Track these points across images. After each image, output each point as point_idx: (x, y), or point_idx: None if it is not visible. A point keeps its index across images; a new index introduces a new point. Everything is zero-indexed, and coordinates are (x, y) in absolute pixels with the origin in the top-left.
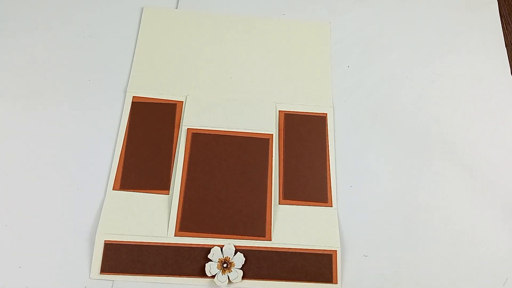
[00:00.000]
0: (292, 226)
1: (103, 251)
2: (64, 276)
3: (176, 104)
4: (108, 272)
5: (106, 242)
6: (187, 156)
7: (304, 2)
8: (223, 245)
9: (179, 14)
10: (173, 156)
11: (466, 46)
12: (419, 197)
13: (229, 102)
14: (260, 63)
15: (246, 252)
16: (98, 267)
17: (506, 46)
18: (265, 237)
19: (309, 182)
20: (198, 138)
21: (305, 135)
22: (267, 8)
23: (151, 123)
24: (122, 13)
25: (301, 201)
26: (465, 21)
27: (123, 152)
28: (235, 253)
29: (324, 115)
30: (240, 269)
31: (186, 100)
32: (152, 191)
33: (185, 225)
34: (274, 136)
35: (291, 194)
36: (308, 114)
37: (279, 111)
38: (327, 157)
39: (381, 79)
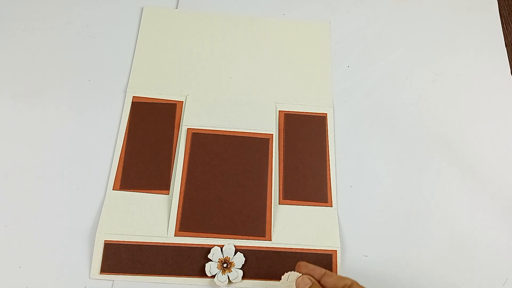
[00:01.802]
0: (292, 226)
1: (103, 251)
2: (64, 276)
3: (176, 104)
4: (108, 272)
5: (106, 242)
6: (187, 156)
7: (304, 2)
8: (223, 245)
9: (179, 14)
10: (173, 156)
11: (466, 46)
12: (419, 197)
13: (229, 102)
14: (260, 63)
15: (246, 252)
16: (98, 267)
17: (506, 46)
18: (265, 237)
19: (309, 182)
20: (198, 138)
21: (305, 135)
22: (267, 8)
23: (151, 123)
24: (122, 13)
25: (301, 201)
26: (465, 21)
27: (123, 152)
28: (235, 253)
29: (324, 115)
30: (240, 269)
31: (186, 100)
32: (152, 191)
33: (185, 225)
34: (274, 136)
35: (291, 194)
36: (308, 114)
37: (279, 111)
38: (327, 157)
39: (381, 79)
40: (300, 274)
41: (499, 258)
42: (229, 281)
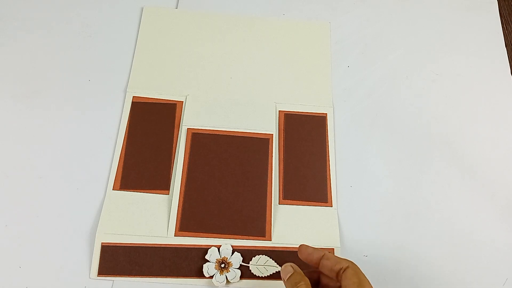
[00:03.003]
0: (292, 226)
1: (100, 253)
2: (64, 276)
3: (176, 104)
4: (105, 275)
5: (103, 244)
6: (187, 156)
7: (304, 2)
8: (220, 246)
9: (179, 14)
10: (173, 156)
11: (466, 46)
12: (419, 197)
13: (229, 102)
14: (260, 63)
15: (246, 252)
16: (96, 269)
17: (506, 46)
18: (265, 237)
19: (309, 182)
20: (198, 138)
21: (305, 135)
22: (267, 8)
23: (151, 123)
24: (122, 13)
25: (301, 201)
26: (465, 21)
27: (123, 152)
28: (232, 253)
29: (324, 115)
30: (238, 268)
31: (186, 100)
32: (152, 191)
33: (185, 225)
34: (274, 136)
35: (291, 194)
36: (308, 114)
37: (279, 111)
38: (327, 157)
39: (381, 79)
40: (268, 258)
41: (499, 258)
42: (227, 281)
